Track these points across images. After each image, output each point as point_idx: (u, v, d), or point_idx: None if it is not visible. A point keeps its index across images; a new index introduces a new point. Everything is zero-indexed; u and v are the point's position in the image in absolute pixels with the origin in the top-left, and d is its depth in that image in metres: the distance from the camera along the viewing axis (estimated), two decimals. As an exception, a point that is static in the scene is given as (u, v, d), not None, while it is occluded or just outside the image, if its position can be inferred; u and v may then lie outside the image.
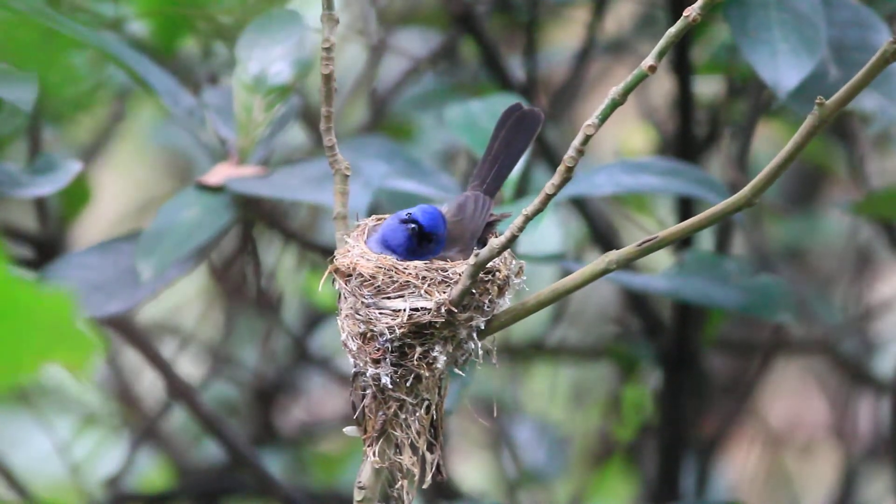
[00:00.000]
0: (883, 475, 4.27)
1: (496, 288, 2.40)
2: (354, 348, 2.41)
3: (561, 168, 2.28)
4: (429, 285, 2.38)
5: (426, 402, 2.42)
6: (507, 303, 2.42)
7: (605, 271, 2.34)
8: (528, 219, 2.30)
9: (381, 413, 2.41)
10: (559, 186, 2.29)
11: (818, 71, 2.94)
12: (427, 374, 2.39)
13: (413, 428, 2.42)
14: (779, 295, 3.14)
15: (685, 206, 3.63)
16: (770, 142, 4.19)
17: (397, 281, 2.39)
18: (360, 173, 2.92)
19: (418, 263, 2.40)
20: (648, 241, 2.32)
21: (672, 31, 2.22)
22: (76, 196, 3.60)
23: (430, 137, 3.94)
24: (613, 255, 2.34)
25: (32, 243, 3.55)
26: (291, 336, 4.08)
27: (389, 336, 2.38)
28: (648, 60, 2.23)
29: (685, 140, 3.61)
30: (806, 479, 4.66)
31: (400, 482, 2.43)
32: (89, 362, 1.72)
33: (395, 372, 2.39)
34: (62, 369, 1.74)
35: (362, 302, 2.40)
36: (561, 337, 4.26)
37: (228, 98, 3.03)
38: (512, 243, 2.33)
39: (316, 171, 2.96)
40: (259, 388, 4.13)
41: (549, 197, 2.30)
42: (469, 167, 3.80)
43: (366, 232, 2.47)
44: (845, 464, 4.25)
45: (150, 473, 4.24)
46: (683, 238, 2.35)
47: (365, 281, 2.40)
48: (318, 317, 4.07)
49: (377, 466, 2.43)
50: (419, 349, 2.39)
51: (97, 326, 3.11)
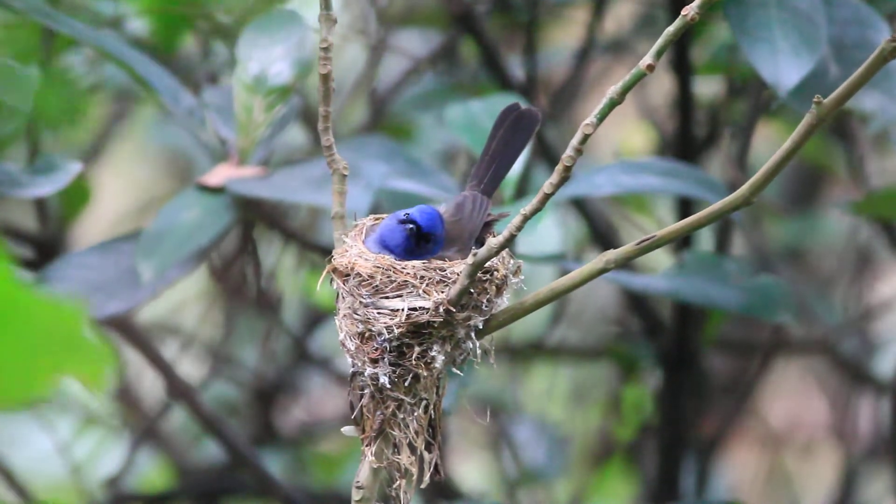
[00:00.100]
0: (883, 475, 4.27)
1: (494, 287, 2.39)
2: (352, 348, 2.40)
3: (559, 167, 2.28)
4: (427, 285, 2.38)
5: (424, 402, 2.41)
6: (505, 302, 2.42)
7: (602, 270, 2.34)
8: (526, 218, 2.30)
9: (379, 413, 2.41)
10: (557, 185, 2.29)
11: (818, 69, 2.93)
12: (425, 373, 2.39)
13: (411, 427, 2.41)
14: (779, 295, 3.13)
15: (685, 206, 3.63)
16: (770, 142, 4.18)
17: (395, 280, 2.39)
18: (361, 174, 2.92)
19: (416, 263, 2.40)
20: (646, 240, 2.32)
21: (670, 29, 2.21)
22: (76, 196, 3.60)
23: (430, 137, 3.94)
24: (611, 254, 2.34)
25: (32, 243, 3.55)
26: (291, 336, 4.07)
27: (388, 336, 2.38)
28: (647, 59, 2.23)
29: (685, 140, 3.61)
30: (806, 479, 4.66)
31: (398, 482, 2.42)
32: (103, 375, 1.71)
33: (394, 371, 2.39)
34: (75, 382, 1.72)
35: (360, 301, 2.39)
36: (561, 337, 4.25)
37: (228, 98, 3.03)
38: (510, 243, 2.32)
39: (316, 172, 2.96)
40: (259, 388, 4.13)
41: (547, 196, 2.29)
42: (469, 167, 3.79)
43: (364, 232, 2.47)
44: (845, 464, 4.24)
45: (151, 473, 4.24)
46: (681, 237, 2.35)
47: (363, 280, 2.39)
48: (318, 317, 4.07)
49: (375, 466, 2.42)
50: (417, 349, 2.38)
51: (101, 330, 3.11)
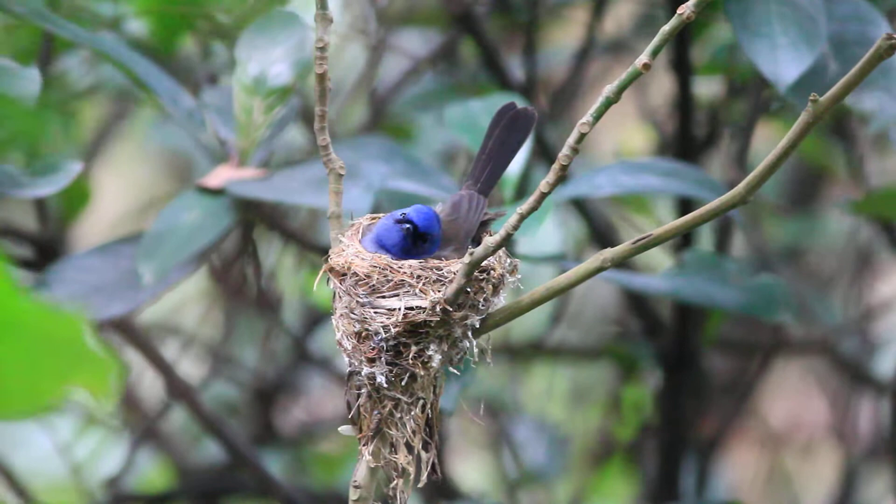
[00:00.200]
0: (883, 475, 4.26)
1: (491, 286, 2.39)
2: (349, 347, 2.40)
3: (555, 166, 2.28)
4: (424, 284, 2.38)
5: (421, 401, 2.41)
6: (501, 301, 2.41)
7: (599, 269, 2.34)
8: (522, 217, 2.30)
9: (376, 412, 2.41)
10: (553, 185, 2.29)
11: (818, 65, 2.93)
12: (422, 372, 2.39)
13: (408, 427, 2.41)
14: (779, 295, 3.13)
15: (685, 206, 3.62)
16: (770, 142, 4.17)
17: (392, 280, 2.38)
18: (361, 174, 2.91)
19: (413, 262, 2.40)
20: (643, 238, 2.32)
21: (666, 28, 2.21)
22: (76, 197, 3.60)
23: (430, 137, 3.93)
24: (608, 252, 2.34)
25: (32, 244, 3.55)
26: (291, 336, 4.07)
27: (384, 335, 2.38)
28: (642, 58, 2.23)
29: (685, 140, 3.61)
30: (806, 479, 4.65)
31: (395, 481, 2.42)
32: (109, 384, 1.70)
33: (391, 371, 2.39)
34: (81, 391, 1.71)
35: (357, 301, 2.39)
36: (561, 337, 4.25)
37: (228, 99, 3.02)
38: (506, 242, 2.32)
39: (316, 173, 2.96)
40: (259, 388, 4.12)
41: (543, 195, 2.29)
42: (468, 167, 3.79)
43: (360, 231, 2.47)
44: (845, 464, 4.24)
45: (151, 474, 4.24)
46: (678, 236, 2.35)
47: (360, 280, 2.39)
48: (318, 317, 4.07)
49: (372, 465, 2.42)
50: (414, 348, 2.38)
51: (103, 335, 3.10)
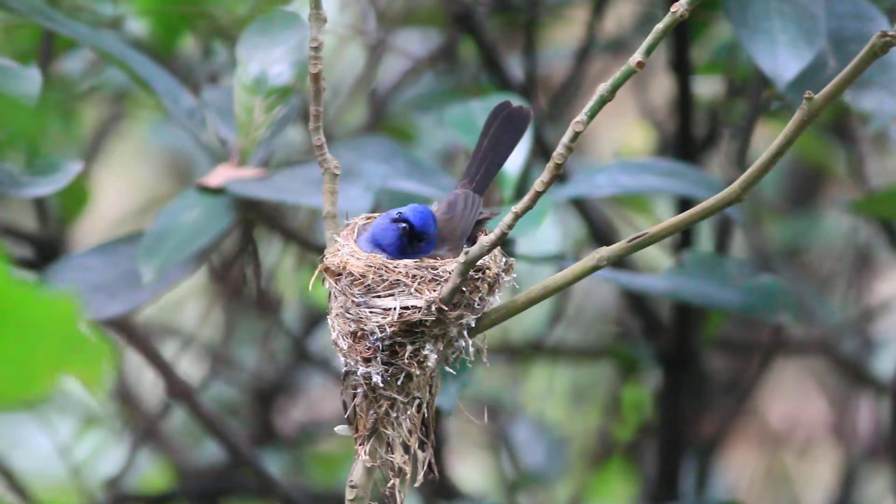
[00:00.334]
0: (883, 475, 4.26)
1: (486, 286, 2.39)
2: (345, 347, 2.40)
3: (550, 165, 2.28)
4: (419, 284, 2.38)
5: (417, 401, 2.41)
6: (497, 300, 2.41)
7: (595, 268, 2.34)
8: (517, 216, 2.30)
9: (372, 412, 2.41)
10: (548, 184, 2.28)
11: (817, 63, 2.93)
12: (418, 372, 2.39)
13: (404, 426, 2.41)
14: (779, 295, 3.13)
15: (684, 206, 3.62)
16: (770, 142, 4.16)
17: (387, 279, 2.38)
18: (361, 174, 2.91)
19: (408, 262, 2.39)
20: (638, 237, 2.31)
21: (660, 26, 2.21)
22: (76, 196, 3.60)
23: (430, 138, 3.93)
24: (604, 251, 2.33)
25: (32, 243, 3.55)
26: (291, 336, 4.07)
27: (380, 335, 2.38)
28: (636, 56, 2.23)
29: (685, 140, 3.60)
30: (806, 479, 4.65)
31: (392, 481, 2.42)
32: (103, 374, 1.70)
33: (386, 370, 2.39)
34: (75, 380, 1.71)
35: (353, 301, 2.39)
36: (560, 337, 4.24)
37: (229, 98, 3.02)
38: (501, 241, 2.32)
39: (316, 173, 2.94)
40: (259, 388, 4.12)
41: (538, 194, 2.29)
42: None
43: (355, 231, 2.46)
44: (845, 464, 4.23)
45: (151, 474, 4.24)
46: (673, 234, 2.34)
47: (355, 280, 2.39)
48: (317, 317, 4.06)
49: (369, 465, 2.42)
50: (410, 347, 2.38)
51: (100, 330, 3.10)
